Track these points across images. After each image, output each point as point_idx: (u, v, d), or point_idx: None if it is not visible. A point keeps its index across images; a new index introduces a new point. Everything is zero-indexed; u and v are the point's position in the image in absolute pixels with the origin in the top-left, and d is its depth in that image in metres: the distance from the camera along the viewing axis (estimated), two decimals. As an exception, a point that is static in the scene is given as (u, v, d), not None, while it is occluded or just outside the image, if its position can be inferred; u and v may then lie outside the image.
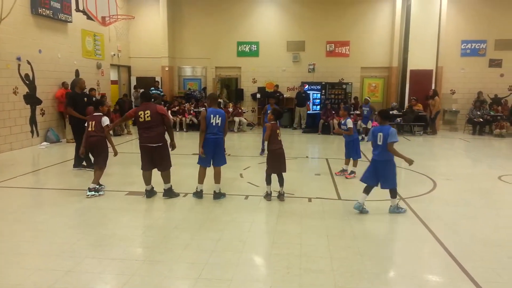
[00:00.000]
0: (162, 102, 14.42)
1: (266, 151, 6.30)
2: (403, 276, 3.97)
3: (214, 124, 6.14)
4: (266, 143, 6.49)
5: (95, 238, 4.78)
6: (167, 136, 6.33)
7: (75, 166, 8.32)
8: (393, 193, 5.77)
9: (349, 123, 7.88)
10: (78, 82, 8.44)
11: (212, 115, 6.14)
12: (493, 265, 4.16)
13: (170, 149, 6.39)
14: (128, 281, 3.73)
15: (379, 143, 5.57)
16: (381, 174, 5.65)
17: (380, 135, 5.57)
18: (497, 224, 5.51)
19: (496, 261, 4.27)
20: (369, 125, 14.06)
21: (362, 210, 5.75)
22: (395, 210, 5.82)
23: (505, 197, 6.94)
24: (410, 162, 5.62)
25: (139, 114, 6.14)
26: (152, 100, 6.88)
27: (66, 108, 8.44)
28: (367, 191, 5.77)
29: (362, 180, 5.86)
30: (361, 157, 8.24)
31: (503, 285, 3.78)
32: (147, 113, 6.10)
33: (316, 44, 16.71)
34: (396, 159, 5.64)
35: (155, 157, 6.22)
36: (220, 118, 6.14)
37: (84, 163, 8.20)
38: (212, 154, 6.23)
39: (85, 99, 8.32)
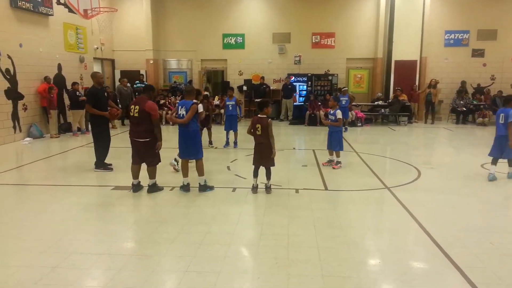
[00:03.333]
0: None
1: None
2: (389, 264, 4.03)
3: (181, 115, 6.13)
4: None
5: (81, 233, 4.73)
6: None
7: (97, 167, 7.73)
8: (510, 162, 7.14)
9: (339, 113, 7.91)
10: (95, 76, 7.62)
11: (180, 107, 6.16)
12: (475, 251, 4.26)
13: (156, 149, 6.22)
14: (116, 276, 3.72)
15: (501, 122, 6.92)
16: (505, 146, 6.93)
17: (501, 115, 6.94)
18: (479, 211, 5.63)
19: (478, 247, 4.37)
20: (353, 116, 14.22)
21: (492, 178, 7.06)
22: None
23: (487, 184, 7.07)
24: None
25: (130, 107, 6.14)
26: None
27: (85, 105, 7.56)
28: (494, 162, 7.14)
29: (490, 154, 7.22)
30: (343, 149, 8.20)
31: (485, 269, 3.87)
32: (136, 109, 6.05)
33: (301, 36, 16.69)
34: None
35: (142, 152, 6.18)
36: (184, 109, 6.10)
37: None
38: (185, 145, 6.21)
39: (105, 94, 7.79)
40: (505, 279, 3.70)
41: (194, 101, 6.25)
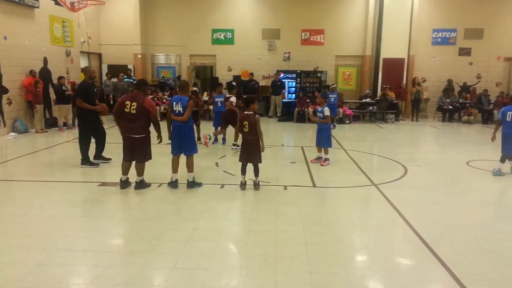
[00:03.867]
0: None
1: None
2: (376, 260, 4.07)
3: (177, 111, 6.09)
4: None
5: (68, 230, 4.68)
6: (151, 128, 6.22)
7: (83, 163, 7.60)
8: (503, 159, 7.29)
9: (326, 111, 7.94)
10: (87, 71, 7.66)
11: (174, 103, 6.11)
12: (460, 248, 4.33)
13: (157, 141, 6.27)
14: (102, 273, 3.69)
15: (508, 119, 7.21)
16: (508, 142, 7.22)
17: (509, 113, 7.21)
18: (464, 208, 5.72)
19: (463, 244, 4.44)
20: (340, 113, 14.28)
21: (499, 174, 7.30)
22: (498, 173, 7.31)
23: (472, 182, 7.20)
24: None
25: (126, 104, 6.01)
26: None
27: (75, 99, 7.47)
28: (503, 159, 7.36)
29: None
30: (332, 146, 8.28)
31: (469, 266, 3.95)
32: (134, 106, 5.97)
33: (291, 32, 16.69)
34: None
35: (136, 148, 6.12)
36: (181, 106, 6.06)
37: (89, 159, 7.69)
38: (179, 142, 6.18)
39: (95, 89, 7.74)
40: (488, 274, 3.78)
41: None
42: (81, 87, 7.45)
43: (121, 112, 6.07)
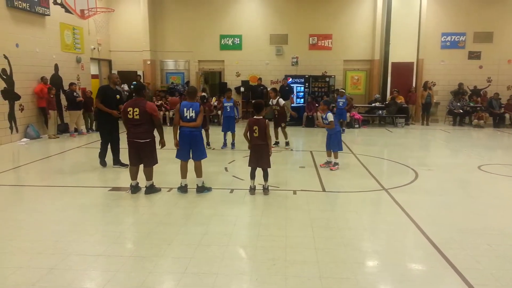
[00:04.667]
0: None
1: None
2: (387, 265, 4.04)
3: (188, 117, 6.11)
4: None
5: (78, 235, 4.71)
6: (155, 132, 6.25)
7: (114, 163, 7.95)
8: None
9: (330, 116, 7.91)
10: (110, 77, 7.99)
11: (185, 109, 6.12)
12: (472, 253, 4.27)
13: (159, 147, 6.32)
14: (113, 278, 3.71)
15: None
16: None
17: None
18: (476, 212, 5.64)
19: (475, 249, 4.38)
20: (348, 117, 14.23)
21: None
22: None
23: (484, 186, 7.10)
24: None
25: (128, 110, 6.07)
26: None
27: (95, 100, 7.73)
28: None
29: None
30: (342, 149, 8.28)
31: (482, 271, 3.89)
32: (136, 111, 6.02)
33: (299, 37, 16.72)
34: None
35: (142, 153, 6.17)
36: (193, 111, 6.10)
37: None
38: (189, 147, 6.20)
39: (117, 96, 7.77)
40: (501, 280, 3.72)
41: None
42: (101, 88, 7.77)
43: (125, 118, 6.14)
